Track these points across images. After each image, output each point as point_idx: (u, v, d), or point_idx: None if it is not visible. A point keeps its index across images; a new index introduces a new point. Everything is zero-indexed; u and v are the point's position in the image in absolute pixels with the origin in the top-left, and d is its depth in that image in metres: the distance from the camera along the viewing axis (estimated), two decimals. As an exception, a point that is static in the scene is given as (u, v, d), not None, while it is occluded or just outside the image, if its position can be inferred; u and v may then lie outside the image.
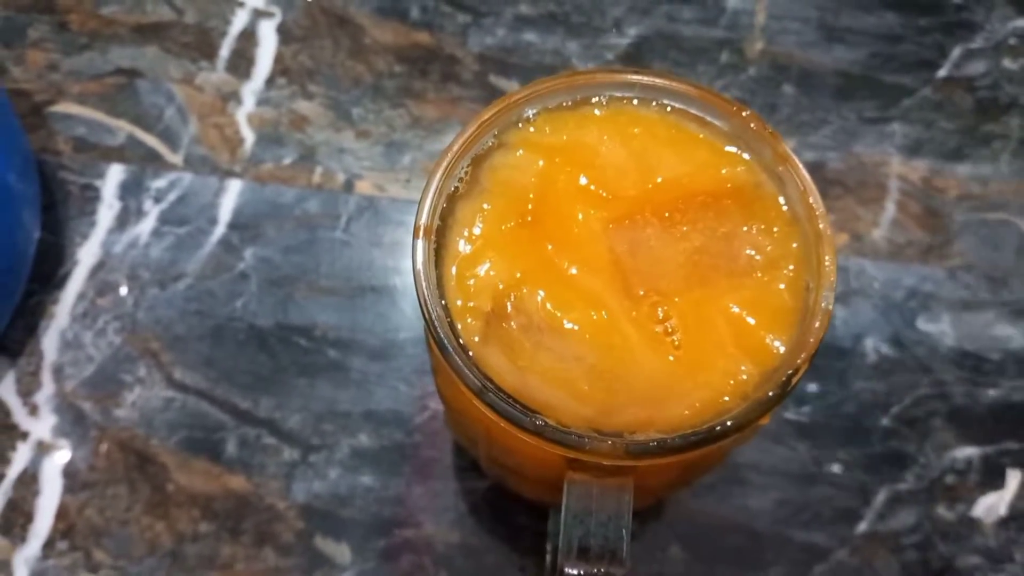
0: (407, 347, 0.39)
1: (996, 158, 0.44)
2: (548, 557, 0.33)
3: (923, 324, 0.41)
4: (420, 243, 0.24)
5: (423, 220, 0.24)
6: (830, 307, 0.24)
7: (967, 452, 0.39)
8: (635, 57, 0.45)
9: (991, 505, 0.38)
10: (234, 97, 0.44)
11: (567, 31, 0.46)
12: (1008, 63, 0.46)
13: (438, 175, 0.25)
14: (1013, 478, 0.38)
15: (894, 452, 0.38)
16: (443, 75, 0.45)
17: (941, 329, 0.41)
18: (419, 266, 0.24)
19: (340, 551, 0.36)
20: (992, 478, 0.38)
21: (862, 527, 0.37)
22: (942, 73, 0.46)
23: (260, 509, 0.37)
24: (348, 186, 0.42)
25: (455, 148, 0.25)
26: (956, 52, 0.46)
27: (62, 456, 0.37)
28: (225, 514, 0.36)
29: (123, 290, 0.40)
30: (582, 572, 0.23)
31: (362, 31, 0.46)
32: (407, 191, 0.42)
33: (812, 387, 0.39)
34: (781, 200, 0.25)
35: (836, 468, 0.38)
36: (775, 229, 0.25)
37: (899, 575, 0.37)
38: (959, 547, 0.37)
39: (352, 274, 0.41)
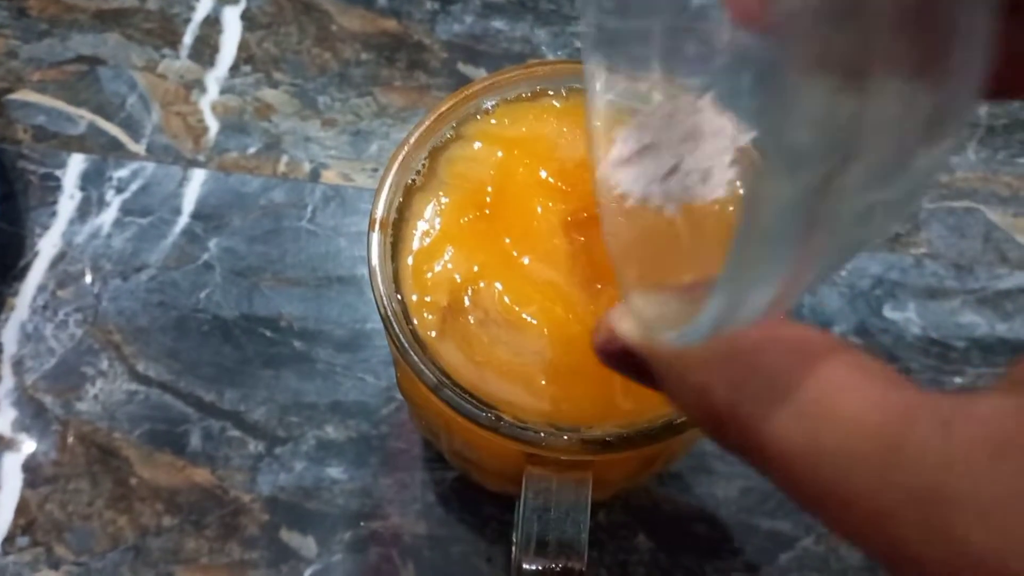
0: (374, 338, 0.39)
1: (963, 147, 0.44)
2: (513, 549, 0.33)
3: (889, 312, 0.41)
4: (376, 236, 0.24)
5: (379, 213, 0.24)
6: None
7: (932, 439, 0.39)
8: (604, 44, 0.45)
9: (955, 492, 0.38)
10: (198, 85, 0.43)
11: (536, 19, 0.45)
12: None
13: (394, 168, 0.25)
14: (977, 465, 0.39)
15: (859, 440, 0.38)
16: (410, 63, 0.44)
17: (907, 317, 0.41)
18: (374, 260, 0.24)
19: (306, 544, 0.36)
20: (956, 465, 0.38)
21: (827, 515, 0.37)
22: (911, 61, 0.46)
23: (225, 502, 0.36)
24: (314, 175, 0.42)
25: (412, 140, 0.25)
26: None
27: (23, 450, 0.37)
28: (189, 507, 0.36)
29: (85, 281, 0.39)
30: (540, 567, 0.23)
31: (328, 18, 0.45)
32: (374, 180, 0.42)
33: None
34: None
35: (802, 456, 0.38)
36: (735, 222, 0.25)
37: (864, 562, 0.37)
38: (923, 534, 0.37)
39: (318, 264, 0.40)
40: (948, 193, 0.43)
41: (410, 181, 0.25)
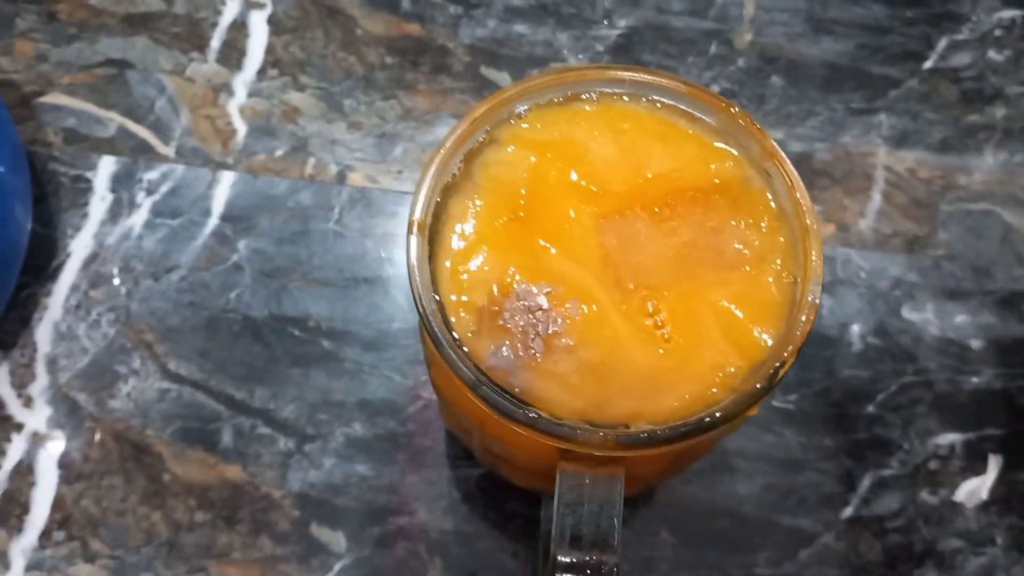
0: (400, 337, 0.40)
1: (981, 149, 0.45)
2: (540, 544, 0.34)
3: (908, 313, 0.41)
4: (414, 238, 0.25)
5: (417, 215, 0.25)
6: (816, 301, 0.24)
7: (950, 438, 0.39)
8: (625, 49, 0.46)
9: (973, 489, 0.39)
10: (225, 88, 0.44)
11: (557, 22, 0.46)
12: (993, 54, 0.46)
13: (431, 171, 0.25)
14: (994, 463, 0.39)
15: (879, 438, 0.39)
16: (434, 66, 0.45)
17: (925, 318, 0.41)
18: (413, 261, 0.24)
19: (336, 539, 0.37)
20: (974, 463, 0.39)
21: (847, 512, 0.38)
22: (928, 64, 0.46)
23: (256, 498, 0.37)
24: (340, 177, 0.43)
25: (448, 144, 0.26)
26: (942, 43, 0.47)
27: (57, 447, 0.38)
28: (221, 503, 0.37)
29: (116, 282, 0.40)
30: (575, 560, 0.24)
31: (353, 22, 0.46)
32: (399, 182, 0.43)
33: (799, 375, 0.40)
34: (768, 195, 0.26)
35: (822, 454, 0.39)
36: (763, 224, 0.26)
37: (883, 558, 0.37)
38: (942, 530, 0.38)
39: (345, 265, 0.41)
40: (966, 195, 0.44)
41: (446, 184, 0.26)
